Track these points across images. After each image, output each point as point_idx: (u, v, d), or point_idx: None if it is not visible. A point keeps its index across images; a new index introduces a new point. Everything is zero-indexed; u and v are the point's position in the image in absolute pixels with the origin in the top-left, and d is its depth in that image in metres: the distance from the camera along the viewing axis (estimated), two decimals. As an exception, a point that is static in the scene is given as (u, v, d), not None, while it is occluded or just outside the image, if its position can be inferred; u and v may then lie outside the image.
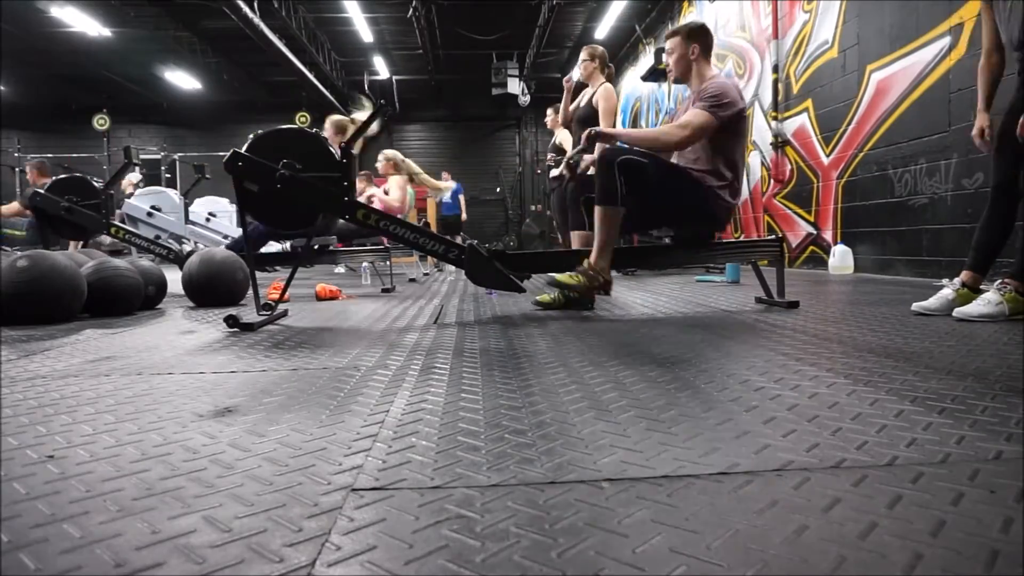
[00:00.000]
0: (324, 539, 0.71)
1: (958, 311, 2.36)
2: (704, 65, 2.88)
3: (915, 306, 2.54)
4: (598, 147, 3.11)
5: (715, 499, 0.80)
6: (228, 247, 4.63)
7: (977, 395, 1.27)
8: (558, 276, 2.74)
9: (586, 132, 2.76)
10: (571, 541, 0.69)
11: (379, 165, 6.01)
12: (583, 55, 4.32)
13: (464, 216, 10.85)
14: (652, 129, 2.84)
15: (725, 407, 1.23)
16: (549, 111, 5.59)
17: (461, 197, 10.81)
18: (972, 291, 2.50)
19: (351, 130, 4.64)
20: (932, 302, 2.51)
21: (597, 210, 2.69)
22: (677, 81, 2.96)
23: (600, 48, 4.41)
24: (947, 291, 2.52)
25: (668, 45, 2.95)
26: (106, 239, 5.57)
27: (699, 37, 2.90)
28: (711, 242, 3.10)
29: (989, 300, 2.33)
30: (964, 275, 2.53)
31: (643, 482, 0.86)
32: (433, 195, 9.32)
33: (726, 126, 2.68)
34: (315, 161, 2.64)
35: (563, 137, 5.12)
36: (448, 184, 9.64)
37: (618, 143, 2.79)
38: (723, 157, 2.74)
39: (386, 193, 6.03)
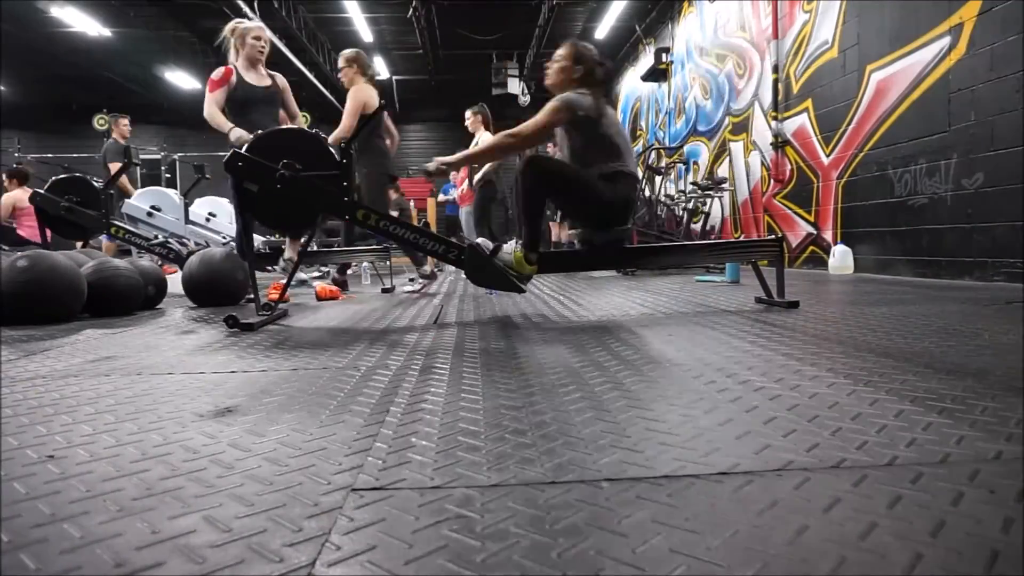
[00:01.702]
0: (324, 539, 0.71)
1: None
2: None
3: None
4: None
5: (715, 499, 0.80)
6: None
7: (977, 395, 1.27)
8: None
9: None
10: (571, 541, 0.69)
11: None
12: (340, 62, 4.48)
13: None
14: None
15: (725, 407, 1.23)
16: (468, 113, 5.73)
17: None
18: None
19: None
20: None
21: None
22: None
23: (352, 52, 4.58)
24: None
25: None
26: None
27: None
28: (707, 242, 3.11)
29: None
30: None
31: (643, 482, 0.86)
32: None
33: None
34: (315, 161, 2.64)
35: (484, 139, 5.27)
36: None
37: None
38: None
39: None
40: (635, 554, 0.66)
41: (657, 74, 10.02)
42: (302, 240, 3.17)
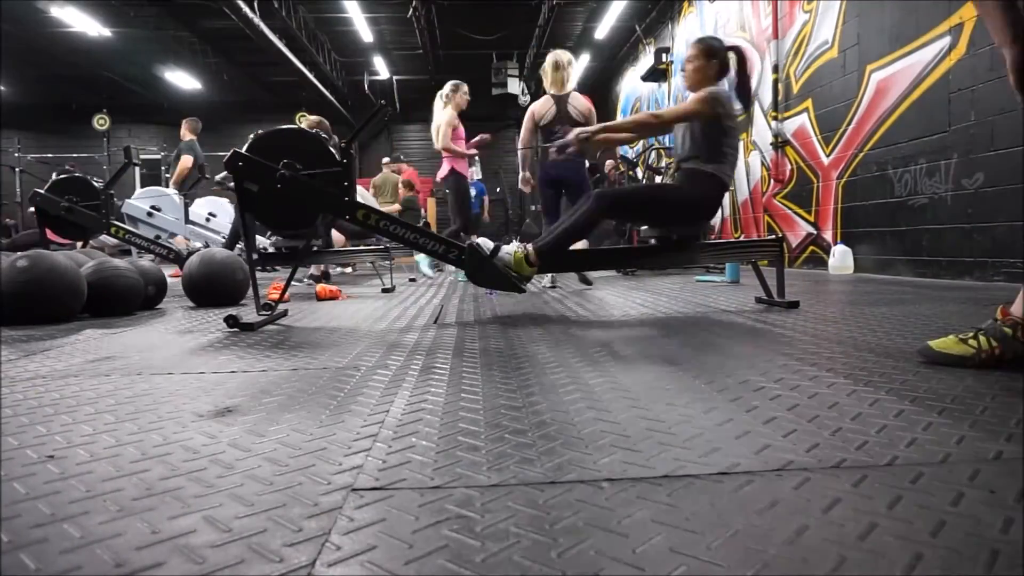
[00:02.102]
0: (324, 539, 0.71)
1: None
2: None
3: None
4: None
5: (715, 499, 0.80)
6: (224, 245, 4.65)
7: (977, 395, 1.27)
8: (937, 346, 1.67)
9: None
10: (571, 541, 0.69)
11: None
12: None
13: (485, 216, 10.81)
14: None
15: (725, 407, 1.23)
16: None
17: (485, 198, 10.90)
18: None
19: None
20: None
21: None
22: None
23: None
24: None
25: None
26: (109, 240, 5.59)
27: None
28: (709, 242, 3.14)
29: None
30: None
31: (643, 482, 0.86)
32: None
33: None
34: (315, 161, 2.64)
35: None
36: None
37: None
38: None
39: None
40: (635, 554, 0.66)
41: (657, 74, 10.02)
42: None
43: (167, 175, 7.24)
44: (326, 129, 4.71)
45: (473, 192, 10.81)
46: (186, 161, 7.07)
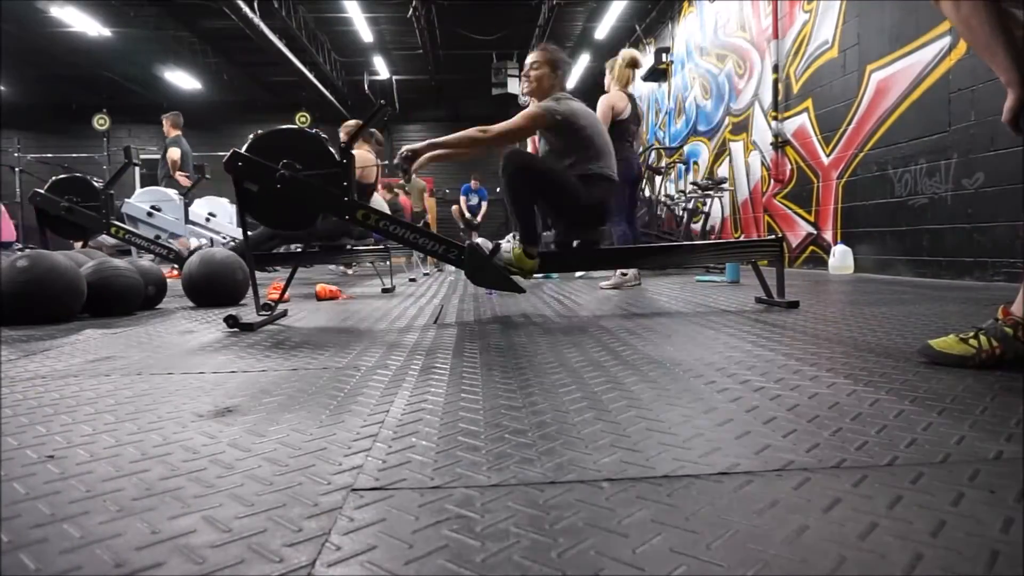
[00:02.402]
0: (324, 539, 0.71)
1: None
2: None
3: None
4: None
5: (715, 499, 0.80)
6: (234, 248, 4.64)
7: (977, 395, 1.27)
8: (938, 345, 1.66)
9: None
10: (571, 541, 0.69)
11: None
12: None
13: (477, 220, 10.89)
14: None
15: (725, 407, 1.23)
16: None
17: (484, 204, 10.97)
18: None
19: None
20: None
21: None
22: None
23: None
24: None
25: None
26: (108, 239, 5.59)
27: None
28: (708, 242, 3.15)
29: None
30: None
31: (643, 482, 0.86)
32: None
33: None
34: (315, 161, 2.64)
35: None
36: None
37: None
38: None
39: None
40: (635, 554, 0.66)
41: (657, 74, 10.02)
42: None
43: (161, 175, 7.28)
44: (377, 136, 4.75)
45: (475, 199, 10.88)
46: (174, 153, 7.13)
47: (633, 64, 4.54)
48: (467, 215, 10.78)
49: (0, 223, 7.00)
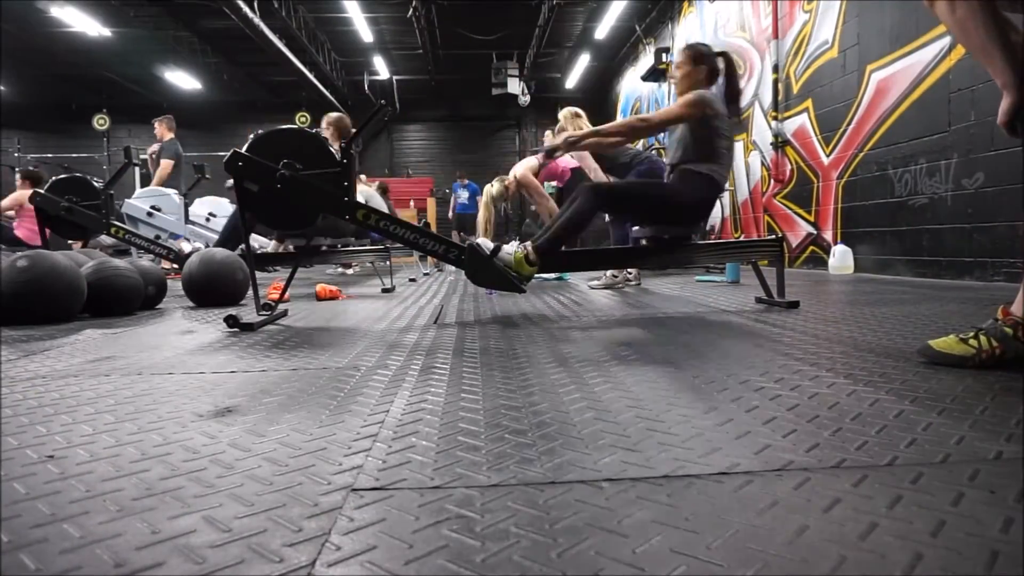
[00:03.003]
0: (324, 539, 0.71)
1: None
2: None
3: None
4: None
5: (715, 499, 0.80)
6: (217, 243, 4.65)
7: (977, 395, 1.27)
8: (937, 346, 1.68)
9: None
10: (571, 541, 0.69)
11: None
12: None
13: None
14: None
15: (725, 407, 1.23)
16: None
17: (479, 198, 10.97)
18: None
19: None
20: None
21: None
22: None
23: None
24: None
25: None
26: (107, 239, 5.59)
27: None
28: (705, 242, 3.17)
29: None
30: None
31: (643, 482, 0.86)
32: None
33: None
34: (315, 161, 2.64)
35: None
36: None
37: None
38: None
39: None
40: (635, 554, 0.66)
41: (657, 74, 10.01)
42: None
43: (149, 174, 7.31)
44: (345, 126, 4.70)
45: (466, 195, 10.89)
46: (167, 166, 7.13)
47: (576, 116, 4.63)
48: (458, 226, 10.71)
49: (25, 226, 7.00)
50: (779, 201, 6.56)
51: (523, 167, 5.35)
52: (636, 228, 3.24)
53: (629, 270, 4.49)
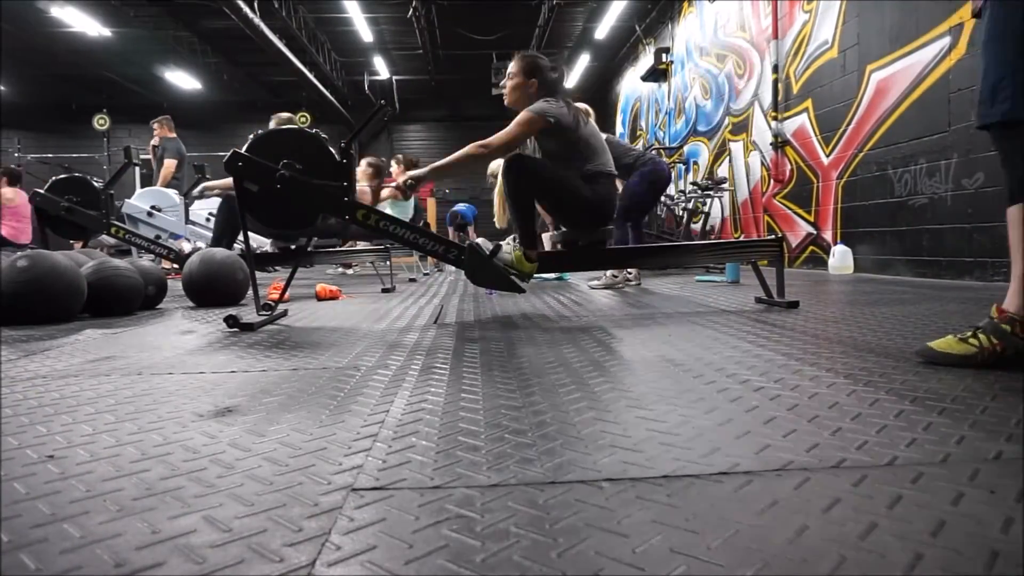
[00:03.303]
0: (324, 539, 0.71)
1: None
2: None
3: None
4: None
5: (715, 499, 0.80)
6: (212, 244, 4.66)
7: (977, 395, 1.27)
8: (937, 347, 1.66)
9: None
10: (571, 541, 0.69)
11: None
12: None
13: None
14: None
15: (725, 407, 1.23)
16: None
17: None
18: None
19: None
20: None
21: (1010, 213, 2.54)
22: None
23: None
24: None
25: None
26: (108, 239, 5.60)
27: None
28: (707, 242, 3.15)
29: None
30: None
31: (643, 482, 0.86)
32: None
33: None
34: (315, 161, 2.64)
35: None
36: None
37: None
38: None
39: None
40: (635, 554, 0.66)
41: (657, 74, 10.03)
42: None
43: (150, 174, 7.34)
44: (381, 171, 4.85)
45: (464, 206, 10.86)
46: (170, 165, 7.18)
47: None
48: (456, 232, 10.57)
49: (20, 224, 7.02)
50: (779, 201, 6.56)
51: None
52: (552, 233, 3.21)
53: (629, 270, 4.49)
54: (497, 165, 5.35)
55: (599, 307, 3.16)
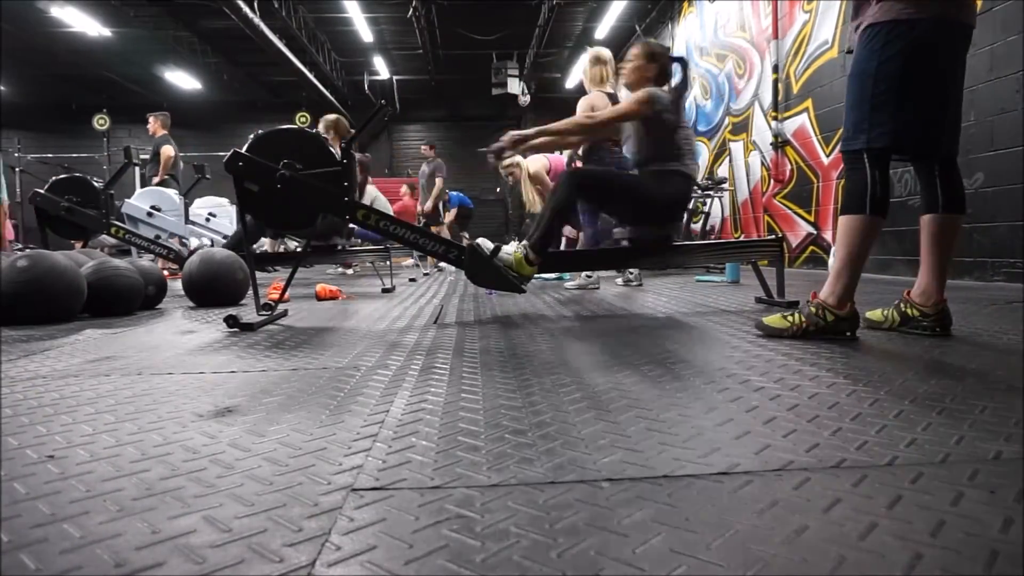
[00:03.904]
0: (324, 539, 0.71)
1: None
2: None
3: None
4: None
5: (715, 499, 0.80)
6: (225, 246, 4.65)
7: (977, 395, 1.27)
8: (767, 321, 2.16)
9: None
10: (571, 541, 0.69)
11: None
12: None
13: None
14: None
15: (725, 407, 1.23)
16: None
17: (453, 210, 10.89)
18: None
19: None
20: None
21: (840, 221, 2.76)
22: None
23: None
24: None
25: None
26: (108, 239, 5.60)
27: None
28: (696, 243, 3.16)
29: None
30: None
31: (643, 482, 0.86)
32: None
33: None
34: (315, 161, 2.64)
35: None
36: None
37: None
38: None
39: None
40: (635, 554, 0.66)
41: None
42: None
43: (148, 174, 7.30)
44: (343, 128, 4.75)
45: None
46: (169, 150, 7.18)
47: (598, 60, 4.43)
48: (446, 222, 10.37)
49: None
50: (779, 201, 6.56)
51: (536, 163, 5.33)
52: (618, 229, 3.21)
53: (631, 270, 4.48)
54: (515, 160, 5.30)
55: (598, 307, 3.16)
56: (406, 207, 8.95)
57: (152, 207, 6.22)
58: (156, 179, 7.06)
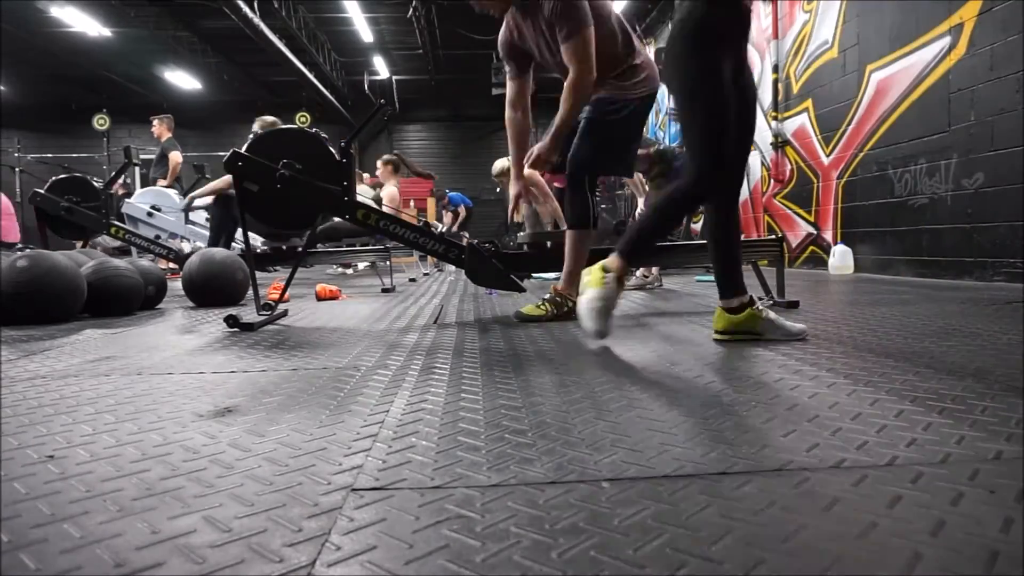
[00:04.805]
0: (324, 539, 0.71)
1: None
2: None
3: None
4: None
5: (715, 499, 0.80)
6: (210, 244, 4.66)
7: (977, 395, 1.27)
8: (524, 310, 2.63)
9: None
10: (571, 541, 0.69)
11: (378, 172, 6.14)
12: None
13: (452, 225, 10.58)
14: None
15: (725, 407, 1.23)
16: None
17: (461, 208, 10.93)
18: None
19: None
20: None
21: (568, 234, 2.59)
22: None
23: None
24: None
25: None
26: (108, 239, 5.61)
27: None
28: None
29: None
30: None
31: (643, 482, 0.86)
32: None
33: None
34: (315, 161, 2.64)
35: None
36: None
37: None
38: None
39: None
40: (635, 554, 0.66)
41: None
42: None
43: (153, 176, 7.34)
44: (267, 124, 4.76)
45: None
46: (177, 156, 7.22)
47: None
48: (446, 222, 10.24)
49: (3, 222, 7.04)
50: (779, 201, 6.56)
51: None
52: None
53: (648, 270, 4.42)
54: (504, 165, 5.24)
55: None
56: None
57: (152, 207, 6.22)
58: (164, 182, 7.09)
